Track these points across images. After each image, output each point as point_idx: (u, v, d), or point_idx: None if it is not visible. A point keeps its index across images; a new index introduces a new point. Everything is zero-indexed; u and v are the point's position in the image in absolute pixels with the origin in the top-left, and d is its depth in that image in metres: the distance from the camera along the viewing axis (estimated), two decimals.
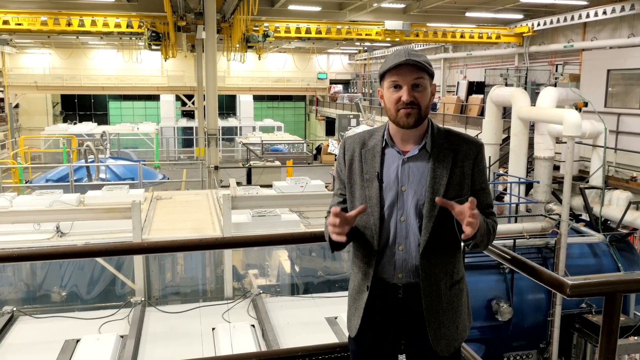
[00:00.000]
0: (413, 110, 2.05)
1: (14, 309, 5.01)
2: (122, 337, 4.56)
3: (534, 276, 2.28)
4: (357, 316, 2.24)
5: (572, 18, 19.05)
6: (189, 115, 36.47)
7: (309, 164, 24.10)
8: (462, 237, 1.98)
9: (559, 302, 8.58)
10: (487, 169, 2.33)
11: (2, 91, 32.83)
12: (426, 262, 2.10)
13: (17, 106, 34.95)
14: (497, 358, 8.74)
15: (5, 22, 19.33)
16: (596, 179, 10.20)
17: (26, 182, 15.27)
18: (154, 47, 20.20)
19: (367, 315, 2.21)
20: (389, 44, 32.23)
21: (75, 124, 32.31)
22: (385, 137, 2.17)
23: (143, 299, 5.34)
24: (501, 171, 11.97)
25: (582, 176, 10.90)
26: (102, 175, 12.69)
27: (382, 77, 2.11)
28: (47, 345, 4.44)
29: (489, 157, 11.57)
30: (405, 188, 2.11)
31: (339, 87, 42.14)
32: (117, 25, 20.22)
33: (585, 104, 10.56)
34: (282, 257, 7.78)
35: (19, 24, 19.50)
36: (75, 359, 4.16)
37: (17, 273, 6.47)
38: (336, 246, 2.13)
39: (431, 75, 2.09)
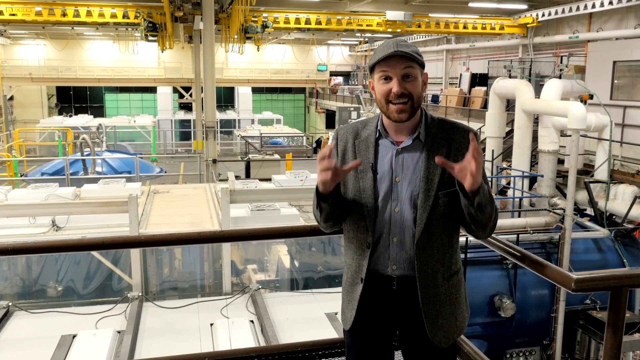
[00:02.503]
0: (405, 105, 2.06)
1: (10, 303, 5.02)
2: (119, 332, 4.58)
3: (538, 270, 2.28)
4: (351, 308, 2.25)
5: (578, 8, 18.99)
6: (187, 107, 36.39)
7: (308, 157, 24.09)
8: (464, 194, 1.95)
9: (563, 298, 8.60)
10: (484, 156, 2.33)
11: None
12: (422, 253, 2.10)
13: (11, 98, 34.88)
14: (499, 354, 8.76)
15: None
16: (601, 173, 10.19)
17: (21, 176, 15.27)
18: (150, 38, 20.15)
19: (361, 308, 2.22)
20: (390, 35, 32.13)
21: (70, 116, 32.28)
22: (378, 127, 2.18)
23: (140, 294, 5.36)
24: (504, 165, 11.96)
25: (587, 170, 10.89)
26: (98, 169, 12.70)
27: (371, 69, 2.14)
28: (43, 341, 4.45)
29: (492, 150, 11.56)
30: (399, 179, 2.11)
31: (340, 79, 42.07)
32: (113, 16, 20.16)
33: (591, 96, 10.55)
34: (281, 252, 7.79)
35: (13, 15, 19.44)
36: (71, 354, 4.17)
37: (12, 267, 6.48)
38: (323, 197, 2.12)
39: (421, 65, 2.10)
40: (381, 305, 2.20)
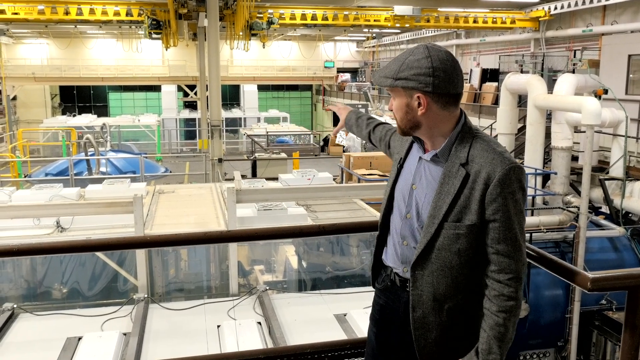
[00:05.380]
0: (396, 121, 2.12)
1: (15, 305, 5.05)
2: (124, 334, 4.59)
3: (552, 269, 2.27)
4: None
5: (591, 1, 18.85)
6: (192, 106, 36.50)
7: (316, 155, 24.11)
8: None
9: (578, 298, 8.55)
10: (520, 198, 1.96)
11: None
12: (417, 277, 2.06)
13: (14, 98, 35.12)
14: (512, 356, 8.73)
15: (1, 12, 19.39)
16: (616, 170, 10.12)
17: (25, 176, 15.38)
18: (154, 35, 20.22)
19: (382, 301, 2.31)
20: (399, 30, 32.08)
21: (74, 116, 32.45)
22: None
23: (146, 295, 5.37)
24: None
25: (601, 167, 10.83)
26: (102, 169, 12.76)
27: None
28: (49, 343, 4.47)
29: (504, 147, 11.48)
30: (416, 187, 2.11)
31: (347, 76, 42.01)
32: (117, 14, 20.23)
33: (605, 91, 10.47)
34: (288, 252, 7.79)
35: (16, 13, 19.55)
36: (77, 357, 4.19)
37: (17, 269, 6.53)
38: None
39: (407, 87, 1.98)
40: (397, 304, 2.22)
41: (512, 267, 1.94)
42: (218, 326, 4.80)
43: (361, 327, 4.43)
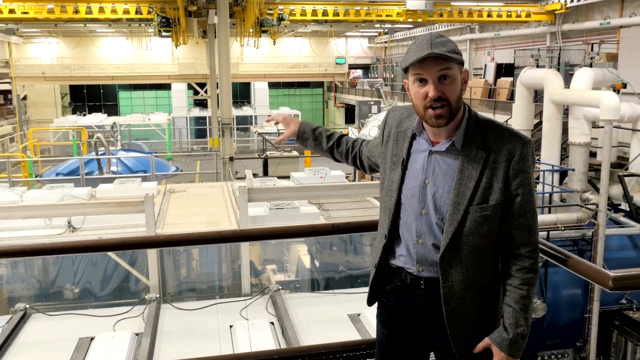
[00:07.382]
0: (443, 109, 1.99)
1: (27, 306, 5.11)
2: (137, 334, 4.63)
3: (572, 268, 2.25)
4: (369, 289, 2.34)
5: None
6: (202, 104, 36.68)
7: None
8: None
9: (597, 298, 8.46)
10: (533, 170, 2.13)
11: (9, 83, 33.36)
12: (447, 268, 2.07)
13: (25, 98, 35.48)
14: (530, 357, 8.67)
15: (11, 11, 19.61)
16: (636, 166, 10.01)
17: (36, 176, 15.53)
18: (164, 33, 20.32)
19: (390, 303, 2.29)
20: (411, 25, 31.95)
21: (84, 115, 32.67)
22: (414, 124, 2.16)
23: (158, 295, 5.40)
24: None
25: (621, 163, 10.72)
26: (113, 168, 12.85)
27: (405, 69, 2.06)
28: (61, 343, 4.52)
29: None
30: (429, 181, 2.09)
31: (359, 72, 41.94)
32: (126, 12, 20.37)
33: (624, 85, 10.37)
34: (301, 251, 7.80)
35: (25, 13, 19.76)
36: (89, 357, 4.23)
37: (29, 270, 6.60)
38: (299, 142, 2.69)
39: (460, 63, 2.01)
40: (409, 303, 2.22)
41: (531, 239, 2.05)
42: (230, 326, 4.82)
43: (375, 327, 4.42)
